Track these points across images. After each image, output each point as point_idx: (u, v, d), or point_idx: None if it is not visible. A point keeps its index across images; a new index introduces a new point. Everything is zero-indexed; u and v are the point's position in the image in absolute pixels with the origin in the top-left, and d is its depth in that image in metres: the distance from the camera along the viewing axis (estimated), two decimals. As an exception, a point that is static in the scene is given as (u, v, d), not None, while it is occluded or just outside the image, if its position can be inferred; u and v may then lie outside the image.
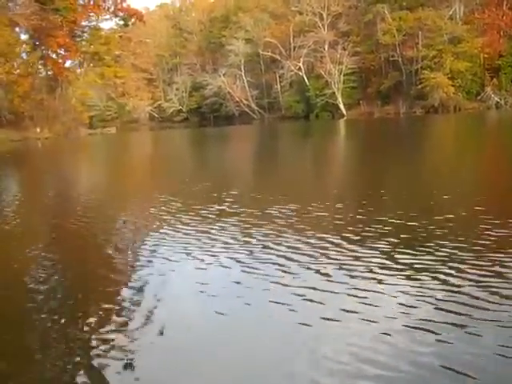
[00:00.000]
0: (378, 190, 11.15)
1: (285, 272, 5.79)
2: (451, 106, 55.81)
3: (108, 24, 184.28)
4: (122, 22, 62.63)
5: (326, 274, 5.62)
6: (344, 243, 6.73)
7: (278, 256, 6.38)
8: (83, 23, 59.31)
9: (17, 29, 54.92)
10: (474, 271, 5.38)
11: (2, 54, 49.58)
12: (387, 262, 5.88)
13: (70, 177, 20.47)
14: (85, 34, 61.56)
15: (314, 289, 5.19)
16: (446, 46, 57.14)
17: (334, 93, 64.13)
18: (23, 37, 58.01)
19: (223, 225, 8.35)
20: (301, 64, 67.47)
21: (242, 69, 77.06)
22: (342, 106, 64.66)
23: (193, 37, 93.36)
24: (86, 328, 4.65)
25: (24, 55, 59.31)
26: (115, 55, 73.53)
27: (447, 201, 9.27)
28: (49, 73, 59.68)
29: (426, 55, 57.99)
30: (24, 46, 58.85)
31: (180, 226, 8.56)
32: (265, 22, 76.91)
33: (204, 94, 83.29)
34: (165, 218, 9.33)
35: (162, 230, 8.40)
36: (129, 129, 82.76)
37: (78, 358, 4.18)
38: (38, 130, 53.84)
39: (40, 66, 59.78)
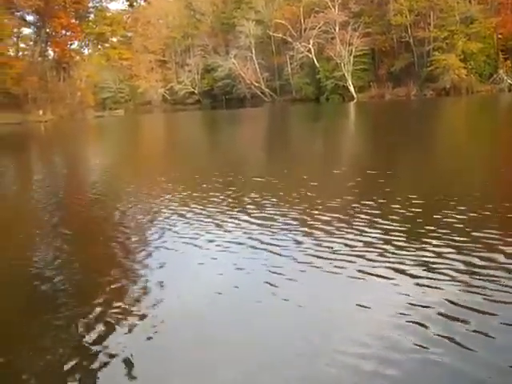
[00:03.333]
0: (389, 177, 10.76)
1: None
2: (463, 88, 54.44)
3: (115, 5, 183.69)
4: (127, 3, 61.79)
5: (342, 258, 5.62)
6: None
7: (295, 235, 6.57)
8: (89, 4, 58.48)
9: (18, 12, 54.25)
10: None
11: None
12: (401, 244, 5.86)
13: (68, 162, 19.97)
14: (91, 15, 60.97)
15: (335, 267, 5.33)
16: (458, 26, 55.73)
17: (343, 75, 62.92)
18: (29, 18, 57.43)
19: (238, 208, 8.41)
20: (311, 45, 66.30)
21: (253, 50, 76.05)
22: (352, 89, 63.45)
23: (205, 18, 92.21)
24: (92, 309, 4.70)
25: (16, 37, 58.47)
26: (125, 36, 72.87)
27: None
28: (52, 54, 59.35)
29: (438, 36, 56.58)
30: (18, 27, 57.94)
31: (193, 207, 8.69)
32: (276, 2, 75.75)
33: (216, 76, 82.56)
34: (177, 198, 9.57)
35: (174, 209, 8.61)
36: (141, 111, 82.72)
37: (82, 341, 4.15)
38: (41, 112, 53.62)
39: (44, 48, 59.10)
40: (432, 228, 6.36)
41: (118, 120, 57.34)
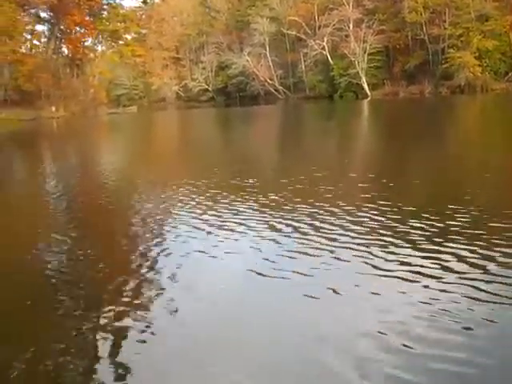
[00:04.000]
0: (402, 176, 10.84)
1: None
2: (478, 86, 53.87)
3: (129, 2, 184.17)
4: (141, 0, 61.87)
5: (355, 249, 5.74)
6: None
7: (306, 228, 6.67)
8: (103, 1, 58.63)
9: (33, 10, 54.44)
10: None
11: (3, 32, 48.86)
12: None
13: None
14: (104, 12, 61.08)
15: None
16: (474, 23, 55.08)
17: (357, 72, 62.64)
18: (43, 15, 57.65)
19: (251, 204, 8.45)
20: (325, 43, 66.07)
21: (267, 48, 75.89)
22: (365, 86, 63.13)
23: (220, 15, 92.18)
24: (105, 301, 4.77)
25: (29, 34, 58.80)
26: (139, 33, 72.95)
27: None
28: (66, 51, 59.60)
29: (453, 33, 56.01)
30: (31, 24, 58.22)
31: (209, 203, 8.74)
32: (291, -1, 75.66)
33: (230, 74, 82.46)
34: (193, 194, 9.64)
35: (190, 204, 8.74)
36: (155, 108, 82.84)
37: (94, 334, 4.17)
38: (54, 108, 53.87)
39: (57, 45, 59.33)
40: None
41: (130, 117, 57.48)
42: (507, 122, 23.65)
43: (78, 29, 57.75)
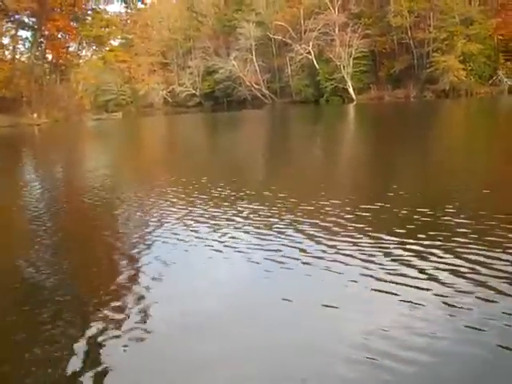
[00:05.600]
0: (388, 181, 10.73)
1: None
2: (462, 90, 53.83)
3: (115, 8, 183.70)
4: (123, 5, 61.46)
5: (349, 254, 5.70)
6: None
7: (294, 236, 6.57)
8: (86, 6, 58.14)
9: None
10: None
11: None
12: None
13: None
14: (88, 18, 60.57)
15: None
16: (458, 27, 55.01)
17: (343, 77, 62.50)
18: (27, 20, 56.97)
19: (240, 208, 8.42)
20: (310, 47, 65.89)
21: (253, 52, 75.69)
22: (351, 91, 62.97)
23: (207, 20, 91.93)
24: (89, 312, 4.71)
25: (6, 39, 57.89)
26: (126, 39, 72.49)
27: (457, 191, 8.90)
28: (50, 57, 58.96)
29: (437, 37, 55.99)
30: (15, 29, 57.50)
31: (196, 208, 8.72)
32: (277, 4, 75.49)
33: (217, 78, 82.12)
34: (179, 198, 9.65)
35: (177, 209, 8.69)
36: (142, 113, 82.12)
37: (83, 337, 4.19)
38: (35, 115, 53.25)
39: (41, 50, 58.72)
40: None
41: (114, 124, 56.84)
42: (489, 127, 23.39)
43: (60, 34, 57.19)
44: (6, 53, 57.21)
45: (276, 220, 7.48)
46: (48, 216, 9.46)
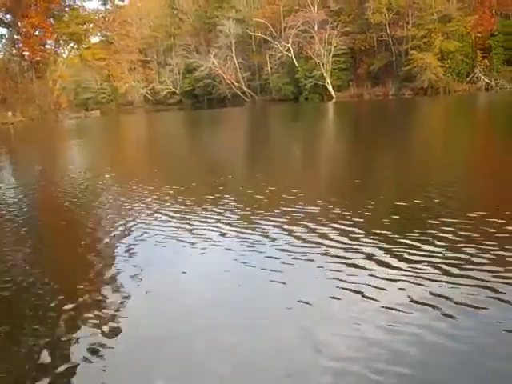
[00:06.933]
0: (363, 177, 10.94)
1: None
2: (440, 87, 53.83)
3: (93, 4, 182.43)
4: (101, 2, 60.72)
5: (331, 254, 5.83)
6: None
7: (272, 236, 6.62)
8: (63, 3, 57.31)
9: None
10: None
11: None
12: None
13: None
14: (65, 15, 59.74)
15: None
16: (436, 24, 54.95)
17: (322, 74, 62.30)
18: (2, 17, 56.06)
19: (221, 208, 8.42)
20: (290, 45, 65.60)
21: (233, 50, 75.18)
22: (330, 88, 62.82)
23: (187, 17, 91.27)
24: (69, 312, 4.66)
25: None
26: (106, 36, 71.68)
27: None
28: (24, 54, 57.97)
29: (416, 35, 55.89)
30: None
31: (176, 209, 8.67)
32: (257, 1, 75.08)
33: (197, 76, 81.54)
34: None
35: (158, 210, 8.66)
36: (122, 111, 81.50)
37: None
38: (10, 113, 52.43)
39: (17, 48, 57.79)
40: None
41: (91, 122, 56.14)
42: (466, 125, 23.30)
43: (36, 31, 56.31)
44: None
45: (251, 214, 7.77)
46: (20, 215, 9.27)
